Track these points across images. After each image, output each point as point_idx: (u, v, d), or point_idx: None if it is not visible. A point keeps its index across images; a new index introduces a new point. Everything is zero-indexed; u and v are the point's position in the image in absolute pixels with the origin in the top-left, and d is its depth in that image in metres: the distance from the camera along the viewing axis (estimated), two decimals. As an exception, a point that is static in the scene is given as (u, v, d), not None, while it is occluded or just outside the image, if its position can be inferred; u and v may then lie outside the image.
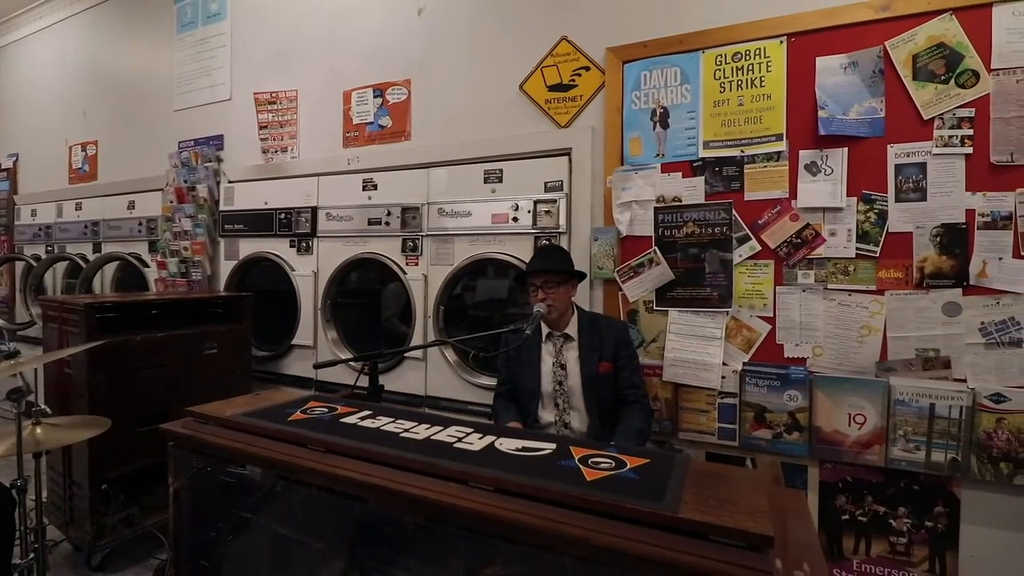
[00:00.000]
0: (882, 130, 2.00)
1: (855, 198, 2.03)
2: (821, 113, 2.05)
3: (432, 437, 1.07)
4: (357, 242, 3.03)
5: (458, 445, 1.04)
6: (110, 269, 4.44)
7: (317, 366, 1.89)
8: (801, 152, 2.10)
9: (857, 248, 2.03)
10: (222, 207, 3.59)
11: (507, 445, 1.06)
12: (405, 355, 2.83)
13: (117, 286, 4.42)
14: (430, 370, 2.80)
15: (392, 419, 1.17)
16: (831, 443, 2.07)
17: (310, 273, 3.17)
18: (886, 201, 2.00)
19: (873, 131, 2.02)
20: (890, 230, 1.99)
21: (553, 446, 1.06)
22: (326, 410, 1.23)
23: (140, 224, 4.12)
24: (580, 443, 1.08)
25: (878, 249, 2.01)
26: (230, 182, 3.60)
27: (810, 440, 2.10)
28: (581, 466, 0.95)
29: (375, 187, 2.98)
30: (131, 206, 4.21)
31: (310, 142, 3.30)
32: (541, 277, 2.00)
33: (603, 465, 0.96)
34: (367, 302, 3.27)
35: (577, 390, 1.99)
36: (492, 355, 1.88)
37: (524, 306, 2.81)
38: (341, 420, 1.15)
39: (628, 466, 0.96)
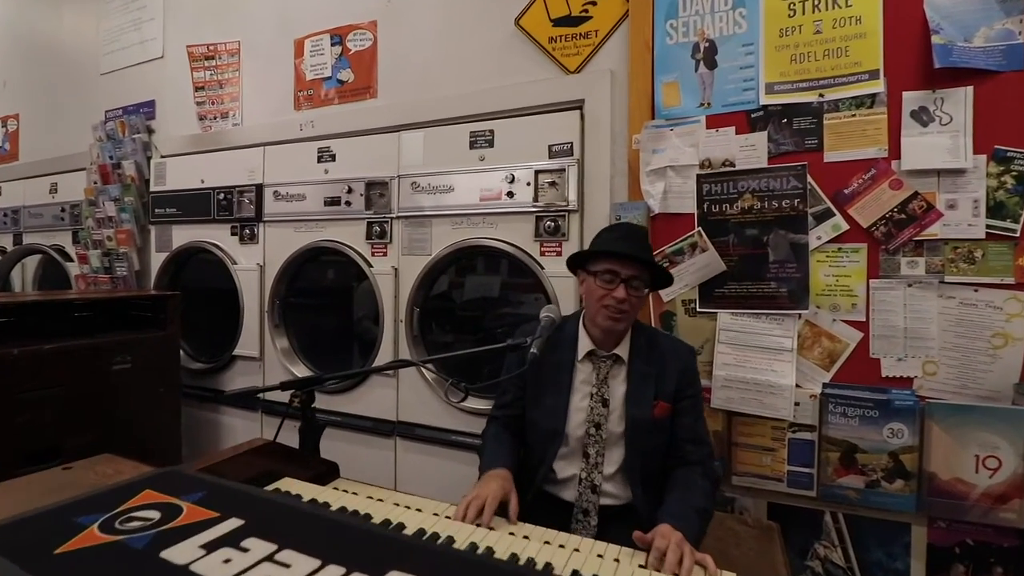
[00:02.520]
0: (1021, 62, 1.43)
1: (984, 156, 1.46)
2: (935, 39, 1.47)
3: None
4: (312, 227, 2.42)
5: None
6: (32, 264, 3.78)
7: (228, 396, 1.28)
8: (905, 94, 1.53)
9: (987, 226, 1.46)
10: (152, 187, 2.94)
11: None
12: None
13: (40, 284, 3.76)
14: (403, 389, 2.19)
15: (274, 548, 0.56)
16: (950, 495, 1.50)
17: (255, 267, 2.55)
18: (1030, 159, 1.43)
19: (1008, 63, 1.45)
20: (1036, 200, 1.42)
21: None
22: (157, 516, 0.63)
23: (63, 210, 3.46)
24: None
25: (1018, 227, 1.44)
26: (162, 157, 2.96)
27: (920, 491, 1.53)
28: None
29: (332, 158, 2.36)
30: (53, 189, 3.54)
31: (255, 105, 2.68)
32: (632, 268, 1.32)
33: None
34: (328, 302, 2.66)
35: (618, 438, 1.37)
36: (482, 386, 1.27)
37: (519, 305, 2.24)
38: (163, 555, 0.55)
39: None
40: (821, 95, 1.60)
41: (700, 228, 1.73)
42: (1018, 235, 1.44)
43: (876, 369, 1.58)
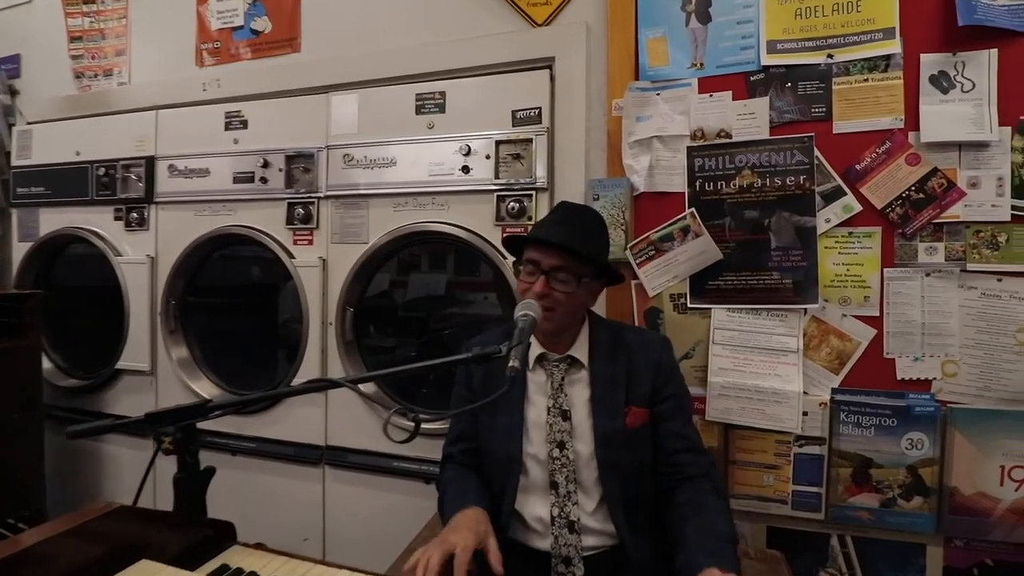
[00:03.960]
0: (1049, 22, 1.28)
1: (1008, 128, 1.29)
2: (958, -7, 1.29)
3: None
4: (217, 210, 1.97)
5: None
6: None
7: (71, 433, 0.86)
8: (923, 57, 1.34)
9: (1013, 207, 1.29)
10: (15, 161, 2.36)
11: None
12: (294, 384, 1.82)
13: None
14: (333, 407, 1.80)
15: None
16: (973, 512, 1.32)
17: (144, 259, 2.06)
18: (1056, 133, 1.27)
19: (1034, 23, 1.28)
20: (1063, 178, 1.27)
21: None
22: None
23: (-102, 192, 2.77)
24: None
25: (1045, 208, 1.28)
26: (28, 123, 2.39)
27: (940, 508, 1.34)
28: None
29: (244, 124, 1.93)
30: None
31: (146, 60, 2.19)
32: (553, 256, 1.08)
33: None
34: (242, 302, 2.22)
35: (589, 459, 1.09)
36: (444, 415, 0.92)
37: (468, 305, 1.93)
38: None
39: None
40: (830, 55, 1.39)
41: (692, 210, 1.47)
42: (1046, 217, 1.28)
43: (891, 371, 1.38)
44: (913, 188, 1.34)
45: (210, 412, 0.94)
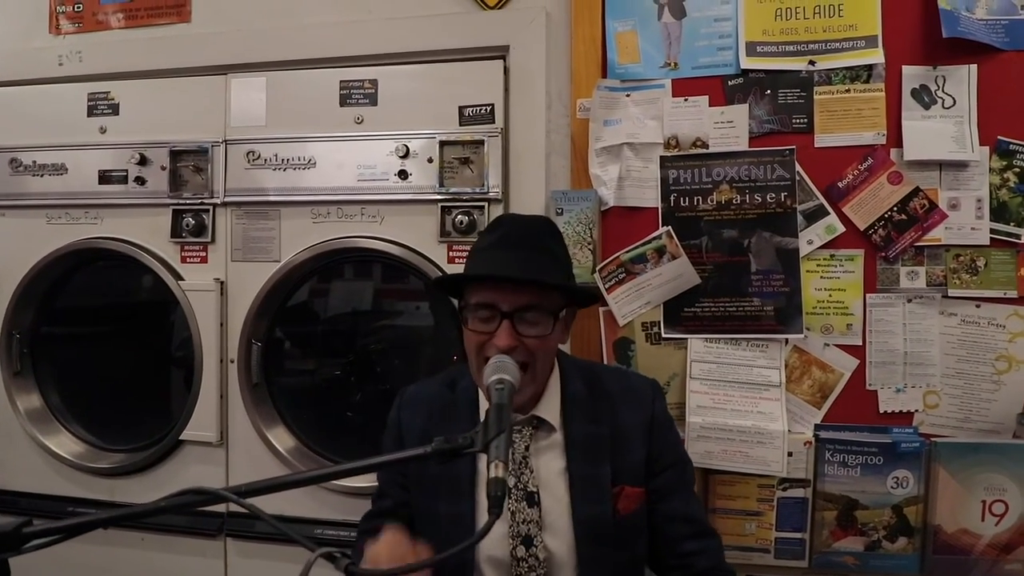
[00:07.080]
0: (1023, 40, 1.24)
1: (987, 148, 1.24)
2: (942, 3, 1.21)
3: None
4: (78, 217, 1.56)
5: None
6: None
7: None
8: (905, 69, 1.25)
9: (991, 230, 1.24)
10: None
11: None
12: (184, 437, 1.47)
13: None
14: (235, 459, 1.46)
15: None
16: (955, 550, 1.26)
17: (-24, 279, 1.60)
18: (1031, 154, 1.23)
19: (1012, 40, 1.24)
20: (1039, 201, 1.23)
21: None
22: None
23: None
24: None
25: (1022, 232, 1.23)
26: None
27: (924, 548, 1.26)
28: None
29: (114, 110, 1.54)
30: None
31: (-20, 23, 1.71)
32: (518, 294, 0.81)
33: None
34: (125, 329, 1.80)
35: (566, 559, 0.86)
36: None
37: (396, 316, 1.68)
38: None
39: None
40: (812, 62, 1.27)
41: (669, 228, 1.30)
42: (1022, 241, 1.23)
43: (873, 403, 1.28)
44: (895, 208, 1.25)
45: (28, 541, 0.62)
